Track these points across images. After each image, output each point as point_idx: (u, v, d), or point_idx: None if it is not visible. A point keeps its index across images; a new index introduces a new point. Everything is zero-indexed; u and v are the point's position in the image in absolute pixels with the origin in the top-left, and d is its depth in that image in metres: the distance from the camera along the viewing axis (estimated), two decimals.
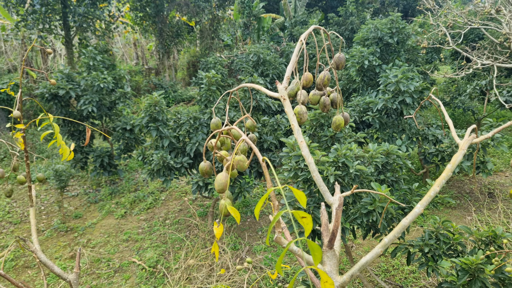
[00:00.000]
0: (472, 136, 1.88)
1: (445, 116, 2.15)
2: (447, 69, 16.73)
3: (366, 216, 3.22)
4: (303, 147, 1.60)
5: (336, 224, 1.66)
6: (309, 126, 4.51)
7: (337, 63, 1.68)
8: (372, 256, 1.69)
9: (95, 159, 8.04)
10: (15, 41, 18.90)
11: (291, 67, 1.50)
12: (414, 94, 5.91)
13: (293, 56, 1.53)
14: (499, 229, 2.95)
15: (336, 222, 1.66)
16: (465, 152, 1.81)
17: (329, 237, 1.69)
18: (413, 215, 1.69)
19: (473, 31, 10.76)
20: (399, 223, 1.70)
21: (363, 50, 7.31)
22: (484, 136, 1.84)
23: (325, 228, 1.74)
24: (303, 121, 1.55)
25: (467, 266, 2.71)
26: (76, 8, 12.83)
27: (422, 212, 1.71)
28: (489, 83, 8.76)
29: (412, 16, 17.65)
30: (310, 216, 0.72)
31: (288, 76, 1.49)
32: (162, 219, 7.09)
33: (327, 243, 1.70)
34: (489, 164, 5.59)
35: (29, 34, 15.00)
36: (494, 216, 6.16)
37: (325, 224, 1.74)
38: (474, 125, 1.93)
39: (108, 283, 5.33)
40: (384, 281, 4.83)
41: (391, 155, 3.86)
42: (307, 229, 0.75)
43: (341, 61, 1.68)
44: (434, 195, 1.71)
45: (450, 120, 2.08)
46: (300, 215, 0.76)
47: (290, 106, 1.51)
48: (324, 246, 1.71)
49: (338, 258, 1.73)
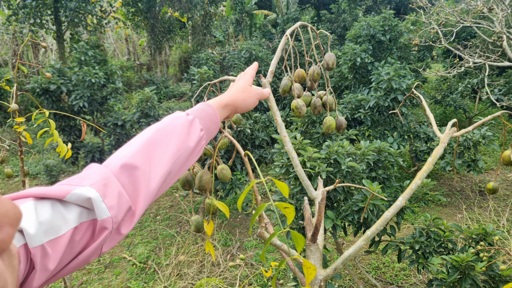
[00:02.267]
0: (453, 130, 1.91)
1: (426, 110, 2.18)
2: (439, 67, 16.82)
3: (357, 213, 3.22)
4: (286, 142, 1.58)
5: (319, 218, 1.67)
6: (301, 123, 4.50)
7: (327, 61, 1.57)
8: (355, 250, 1.71)
9: (86, 155, 7.97)
10: (6, 36, 18.65)
11: (275, 61, 1.44)
12: (406, 92, 5.92)
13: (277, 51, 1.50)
14: (489, 227, 2.96)
15: (319, 216, 1.67)
16: (445, 145, 1.83)
17: (312, 231, 1.70)
18: (395, 208, 1.71)
19: (465, 29, 10.82)
20: (382, 216, 1.71)
21: (356, 48, 7.31)
22: (464, 130, 1.86)
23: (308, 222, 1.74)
24: (302, 115, 1.48)
25: (458, 264, 2.72)
26: (68, 3, 12.67)
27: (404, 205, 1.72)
28: (481, 81, 8.82)
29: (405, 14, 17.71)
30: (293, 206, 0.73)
31: (272, 71, 1.44)
32: (153, 215, 7.05)
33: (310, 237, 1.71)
34: (480, 162, 5.63)
35: (20, 28, 14.81)
36: (485, 214, 6.20)
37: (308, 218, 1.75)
38: (455, 119, 1.97)
39: (99, 278, 5.29)
40: (374, 278, 4.85)
41: (383, 153, 3.86)
42: (289, 217, 0.79)
43: (331, 59, 1.56)
44: (415, 188, 1.74)
45: (431, 115, 2.12)
46: (283, 206, 0.79)
47: (274, 101, 1.46)
48: (307, 240, 1.72)
49: (321, 252, 1.74)
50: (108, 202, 0.70)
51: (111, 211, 0.70)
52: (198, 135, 0.93)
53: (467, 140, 5.51)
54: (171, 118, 0.93)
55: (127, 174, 0.78)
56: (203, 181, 1.15)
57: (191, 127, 0.92)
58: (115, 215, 0.71)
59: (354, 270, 5.10)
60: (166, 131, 0.88)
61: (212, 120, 1.00)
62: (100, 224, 0.69)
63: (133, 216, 0.78)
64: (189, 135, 0.91)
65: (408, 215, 6.18)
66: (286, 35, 1.48)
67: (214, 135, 1.04)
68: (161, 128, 0.88)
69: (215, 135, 1.04)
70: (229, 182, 5.56)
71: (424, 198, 3.71)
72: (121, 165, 0.78)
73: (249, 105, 1.16)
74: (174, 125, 0.90)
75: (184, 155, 0.89)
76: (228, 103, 1.10)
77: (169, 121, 0.91)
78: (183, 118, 0.93)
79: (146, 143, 0.84)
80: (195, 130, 0.93)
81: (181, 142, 0.88)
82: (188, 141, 0.90)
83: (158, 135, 0.86)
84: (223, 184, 5.56)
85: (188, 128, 0.91)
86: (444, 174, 7.79)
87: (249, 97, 1.16)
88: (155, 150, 0.84)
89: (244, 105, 1.15)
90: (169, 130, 0.88)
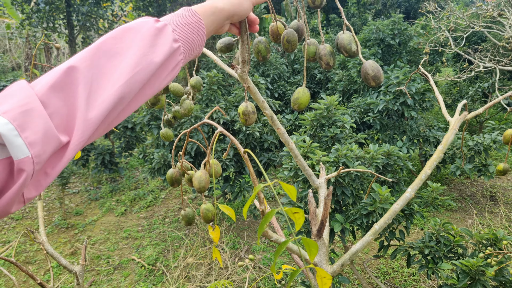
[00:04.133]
0: (464, 114, 1.78)
1: (435, 91, 2.08)
2: (449, 71, 16.70)
3: (366, 217, 3.21)
4: (281, 134, 1.51)
5: (325, 213, 1.63)
6: (309, 126, 4.51)
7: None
8: (362, 244, 1.67)
9: (97, 157, 8.05)
10: (19, 39, 18.95)
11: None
12: (416, 96, 5.90)
13: None
14: (500, 232, 2.94)
15: (325, 212, 1.63)
16: (456, 131, 1.70)
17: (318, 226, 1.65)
18: (404, 200, 1.65)
19: (475, 33, 10.74)
20: (390, 209, 1.66)
21: (365, 51, 7.30)
22: (475, 112, 1.74)
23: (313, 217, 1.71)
24: (250, 123, 1.10)
25: (468, 269, 2.70)
26: (80, 7, 12.85)
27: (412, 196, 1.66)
28: (492, 85, 8.73)
29: (414, 18, 17.62)
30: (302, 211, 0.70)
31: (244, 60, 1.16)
32: (162, 217, 7.09)
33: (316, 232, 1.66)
34: (491, 167, 5.57)
35: (33, 32, 15.04)
36: (496, 220, 6.14)
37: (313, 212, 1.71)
38: (465, 100, 1.85)
39: (108, 280, 5.33)
40: (383, 283, 4.82)
41: (392, 156, 3.85)
42: (298, 223, 0.74)
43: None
44: (425, 178, 1.66)
45: (440, 96, 2.00)
46: (293, 211, 0.74)
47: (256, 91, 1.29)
48: (312, 235, 1.68)
49: (327, 248, 1.72)
50: (28, 137, 0.52)
51: (32, 149, 0.53)
52: (169, 47, 0.70)
53: (477, 145, 5.47)
54: (133, 23, 0.71)
55: (59, 94, 0.59)
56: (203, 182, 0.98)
57: (159, 37, 0.70)
58: (38, 154, 0.54)
59: (362, 274, 5.07)
60: (122, 39, 0.67)
61: (194, 30, 0.77)
62: (17, 165, 0.52)
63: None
64: (154, 46, 0.68)
65: (417, 220, 6.14)
66: None
67: (198, 51, 0.81)
68: (117, 35, 0.67)
69: (199, 51, 0.81)
70: (238, 185, 5.58)
71: (434, 203, 3.69)
72: (51, 85, 0.58)
73: (246, 9, 0.91)
74: (136, 33, 0.68)
75: (145, 72, 0.66)
76: (220, 8, 0.85)
77: (129, 27, 0.69)
78: (149, 24, 0.70)
79: (92, 51, 0.64)
80: (164, 40, 0.70)
81: (140, 54, 0.66)
82: (152, 54, 0.68)
83: (110, 43, 0.66)
84: (231, 187, 5.58)
85: (153, 37, 0.69)
86: (454, 179, 7.72)
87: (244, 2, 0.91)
88: (103, 62, 0.64)
89: (241, 9, 0.90)
90: (127, 38, 0.67)
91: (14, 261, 1.80)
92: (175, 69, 0.74)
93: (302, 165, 1.65)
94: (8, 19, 16.65)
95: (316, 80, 9.16)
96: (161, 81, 0.71)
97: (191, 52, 0.78)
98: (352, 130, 4.57)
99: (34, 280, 1.80)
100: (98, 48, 0.64)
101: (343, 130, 4.29)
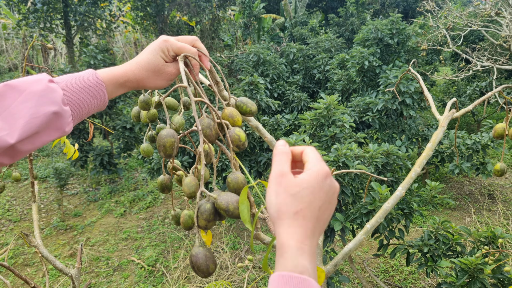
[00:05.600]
0: (452, 111, 1.78)
1: (424, 91, 2.09)
2: (447, 70, 16.74)
3: (366, 216, 3.22)
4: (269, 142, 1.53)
5: None
6: (309, 126, 4.52)
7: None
8: (355, 244, 1.65)
9: (95, 158, 8.04)
10: (16, 40, 18.90)
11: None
12: (414, 95, 5.91)
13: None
14: (498, 230, 2.95)
15: None
16: (445, 129, 1.69)
17: None
18: (395, 198, 1.63)
19: (473, 32, 10.77)
20: (381, 207, 1.64)
21: (363, 51, 7.32)
22: (465, 110, 1.74)
23: None
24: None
25: (466, 267, 2.72)
26: (77, 7, 12.82)
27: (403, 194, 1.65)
28: (489, 84, 8.77)
29: (412, 17, 17.66)
30: None
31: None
32: (162, 218, 7.09)
33: None
34: (489, 166, 5.59)
35: (30, 32, 15.01)
36: (494, 218, 6.16)
37: None
38: (454, 98, 1.85)
39: (107, 281, 5.33)
40: (383, 282, 4.83)
41: (391, 156, 3.87)
42: None
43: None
44: (415, 176, 1.64)
45: (430, 95, 2.02)
46: None
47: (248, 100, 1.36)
48: None
49: (321, 248, 1.72)
50: None
51: None
52: (57, 107, 0.72)
53: (475, 143, 5.49)
54: (29, 78, 0.72)
55: None
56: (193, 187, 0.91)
57: (45, 97, 0.71)
58: None
59: (362, 273, 5.09)
60: (17, 88, 0.70)
61: (91, 94, 0.78)
62: None
63: None
64: (39, 106, 0.70)
65: (416, 218, 6.16)
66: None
67: (96, 110, 0.82)
68: (14, 84, 0.70)
69: (97, 110, 0.83)
70: None
71: (432, 201, 3.70)
72: None
73: (158, 85, 0.91)
74: (27, 86, 0.71)
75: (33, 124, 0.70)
76: (130, 80, 0.86)
77: (24, 81, 0.71)
78: (42, 85, 0.72)
79: None
80: (52, 100, 0.71)
81: (33, 106, 0.69)
82: (42, 109, 0.70)
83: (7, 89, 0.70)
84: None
85: (38, 97, 0.70)
86: (453, 177, 7.74)
87: (160, 79, 0.90)
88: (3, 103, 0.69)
89: (152, 86, 0.90)
90: (20, 89, 0.70)
91: (7, 265, 1.80)
92: (61, 128, 0.75)
93: (268, 140, 1.63)
94: (5, 20, 16.62)
95: (315, 79, 9.18)
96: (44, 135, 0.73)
97: (85, 112, 0.79)
98: (352, 129, 4.58)
99: (28, 284, 1.80)
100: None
101: (342, 129, 4.31)
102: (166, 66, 0.89)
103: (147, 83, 0.88)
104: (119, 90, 0.85)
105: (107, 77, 0.82)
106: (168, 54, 0.88)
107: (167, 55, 0.88)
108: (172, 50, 0.88)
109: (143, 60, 0.87)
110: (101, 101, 0.81)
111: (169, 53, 0.88)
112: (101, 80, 0.80)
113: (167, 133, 0.79)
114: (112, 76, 0.83)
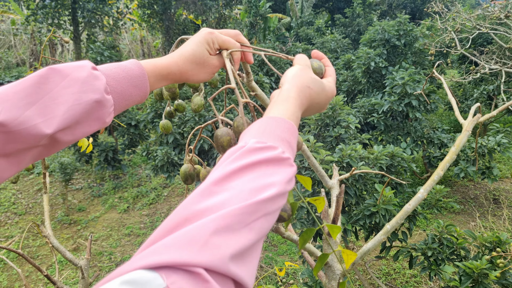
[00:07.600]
0: (477, 116, 1.77)
1: (448, 94, 2.07)
2: (454, 73, 16.63)
3: (369, 217, 3.21)
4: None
5: (336, 211, 1.64)
6: (314, 126, 4.50)
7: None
8: (374, 244, 1.67)
9: (100, 154, 8.07)
10: (24, 35, 19.02)
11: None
12: (421, 97, 5.88)
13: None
14: (503, 235, 2.92)
15: (337, 210, 1.64)
16: (469, 133, 1.69)
17: None
18: (416, 201, 1.64)
19: (481, 35, 10.68)
20: (402, 209, 1.66)
21: (370, 52, 7.29)
22: (489, 115, 1.74)
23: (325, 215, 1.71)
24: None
25: (471, 271, 2.69)
26: (85, 4, 12.87)
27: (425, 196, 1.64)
28: (497, 88, 8.69)
29: (420, 19, 17.56)
30: (323, 197, 0.77)
31: None
32: (164, 214, 7.10)
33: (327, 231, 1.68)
34: (495, 170, 5.55)
35: (38, 28, 15.09)
36: (499, 223, 6.11)
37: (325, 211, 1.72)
38: (478, 103, 1.83)
39: None
40: (385, 284, 4.81)
41: (396, 158, 3.84)
42: (320, 207, 0.85)
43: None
44: (438, 179, 1.65)
45: (453, 99, 1.99)
46: (314, 199, 0.85)
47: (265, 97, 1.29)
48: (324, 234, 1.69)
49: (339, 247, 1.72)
50: None
51: None
52: (99, 95, 0.70)
53: (481, 147, 5.45)
54: (73, 64, 0.70)
55: None
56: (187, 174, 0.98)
57: (88, 84, 0.69)
58: None
59: (364, 275, 5.07)
60: (61, 73, 0.68)
61: (134, 84, 0.76)
62: None
63: None
64: (81, 93, 0.67)
65: (420, 222, 6.12)
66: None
67: (136, 102, 0.80)
68: (58, 68, 0.68)
69: (137, 102, 0.81)
70: None
71: (437, 204, 3.68)
72: None
73: (201, 79, 0.89)
74: (71, 71, 0.69)
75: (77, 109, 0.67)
76: (173, 73, 0.84)
77: (68, 66, 0.69)
78: (86, 71, 0.70)
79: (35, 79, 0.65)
80: (95, 87, 0.70)
81: (75, 92, 0.67)
82: (84, 96, 0.68)
83: (51, 73, 0.67)
84: None
85: (81, 84, 0.68)
86: (458, 181, 7.69)
87: (203, 72, 0.88)
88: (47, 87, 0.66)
89: (195, 79, 0.88)
90: (64, 73, 0.68)
91: (21, 253, 1.81)
92: (103, 117, 0.72)
93: (315, 166, 1.64)
94: (13, 15, 16.71)
95: None
96: (91, 123, 0.71)
97: (127, 102, 0.77)
98: (356, 130, 4.56)
99: (41, 273, 1.81)
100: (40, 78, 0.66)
101: (347, 130, 4.29)
102: (211, 59, 0.87)
103: (190, 76, 0.87)
104: (161, 82, 0.83)
105: (149, 68, 0.80)
106: (213, 46, 0.87)
107: (211, 48, 0.87)
108: (217, 43, 0.87)
109: (188, 52, 0.85)
110: (143, 92, 0.79)
111: (214, 45, 0.87)
112: (144, 71, 0.78)
113: (222, 133, 0.80)
114: (155, 68, 0.81)
